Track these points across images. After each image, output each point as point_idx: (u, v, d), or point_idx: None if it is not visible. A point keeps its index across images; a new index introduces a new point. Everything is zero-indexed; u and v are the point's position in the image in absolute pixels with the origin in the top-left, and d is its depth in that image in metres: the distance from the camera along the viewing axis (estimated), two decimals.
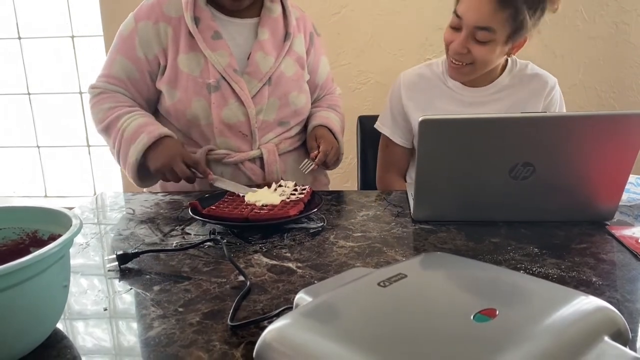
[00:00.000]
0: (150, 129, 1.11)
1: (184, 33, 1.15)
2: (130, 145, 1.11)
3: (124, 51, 1.17)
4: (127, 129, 1.12)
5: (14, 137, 2.80)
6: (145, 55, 1.16)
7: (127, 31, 1.17)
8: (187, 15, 1.14)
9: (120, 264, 0.78)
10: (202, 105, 1.15)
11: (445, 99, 1.31)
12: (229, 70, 1.15)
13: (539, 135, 0.86)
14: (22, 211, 0.66)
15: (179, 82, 1.15)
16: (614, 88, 2.09)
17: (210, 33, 1.15)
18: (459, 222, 0.95)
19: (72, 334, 0.61)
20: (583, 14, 2.01)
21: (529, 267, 0.76)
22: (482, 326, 0.44)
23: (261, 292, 0.69)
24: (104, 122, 1.16)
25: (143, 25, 1.16)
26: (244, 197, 1.03)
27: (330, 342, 0.44)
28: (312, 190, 1.06)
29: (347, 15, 2.12)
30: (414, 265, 0.59)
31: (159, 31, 1.15)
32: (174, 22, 1.15)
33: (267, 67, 1.19)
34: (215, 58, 1.14)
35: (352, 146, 1.68)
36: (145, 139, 1.09)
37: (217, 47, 1.15)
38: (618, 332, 0.46)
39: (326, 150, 1.20)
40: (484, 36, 1.14)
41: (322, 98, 1.41)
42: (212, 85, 1.15)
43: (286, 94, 1.22)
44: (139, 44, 1.16)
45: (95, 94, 1.19)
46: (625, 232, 0.88)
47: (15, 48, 2.66)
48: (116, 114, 1.15)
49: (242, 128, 1.19)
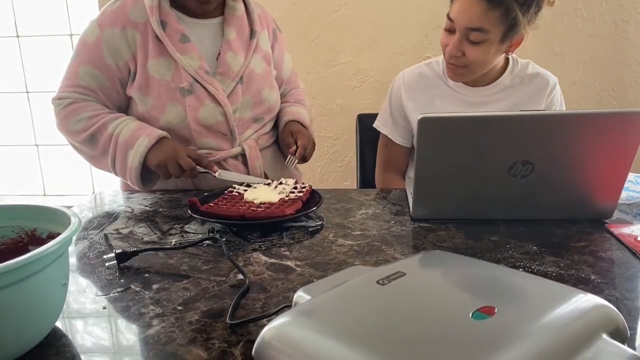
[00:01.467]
0: (148, 132, 1.10)
1: (151, 38, 1.13)
2: (128, 149, 1.10)
3: (91, 60, 1.14)
4: (122, 134, 1.11)
5: (12, 135, 2.79)
6: (116, 63, 1.14)
7: (91, 39, 1.14)
8: (153, 20, 1.12)
9: (119, 262, 0.78)
10: (177, 110, 1.14)
11: (446, 98, 1.31)
12: (201, 73, 1.14)
13: (538, 133, 0.86)
14: (21, 210, 0.66)
15: (151, 88, 1.14)
16: (614, 86, 2.09)
17: (177, 36, 1.14)
18: (458, 221, 0.95)
19: (71, 332, 0.61)
20: (582, 12, 2.00)
21: (528, 265, 0.76)
22: (480, 324, 0.44)
23: (260, 291, 0.69)
24: (88, 131, 1.13)
25: (109, 32, 1.13)
26: (242, 194, 1.03)
27: (329, 340, 0.44)
28: (312, 188, 1.06)
29: (346, 14, 2.12)
30: (413, 264, 0.59)
31: (126, 37, 1.13)
32: (140, 28, 1.13)
33: (237, 66, 1.19)
34: (185, 61, 1.13)
35: (351, 145, 1.68)
36: (146, 141, 1.08)
37: (186, 50, 1.14)
38: (617, 329, 0.46)
39: (305, 145, 1.20)
40: (476, 37, 1.14)
41: (288, 93, 1.42)
42: (185, 89, 1.14)
43: (259, 91, 1.23)
44: (107, 52, 1.13)
45: (64, 105, 1.16)
46: (624, 230, 0.88)
47: (13, 46, 2.65)
48: (101, 121, 1.13)
49: (220, 128, 1.18)
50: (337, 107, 2.21)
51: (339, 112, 2.21)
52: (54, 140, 2.77)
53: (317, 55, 2.18)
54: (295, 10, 2.12)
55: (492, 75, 1.29)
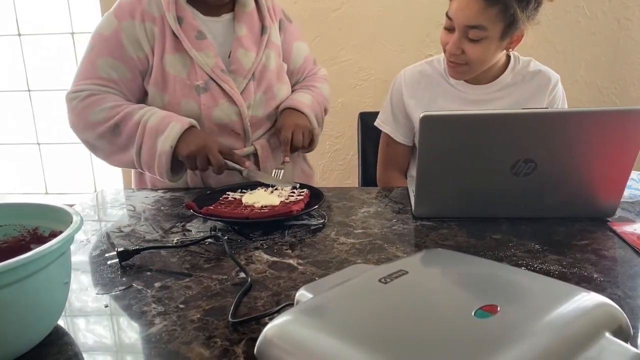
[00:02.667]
0: (179, 118, 1.08)
1: (168, 33, 1.13)
2: (158, 135, 1.06)
3: (110, 51, 1.12)
4: (151, 120, 1.07)
5: (14, 134, 2.80)
6: (137, 55, 1.13)
7: (108, 31, 1.12)
8: (169, 15, 1.11)
9: (121, 260, 0.78)
10: (191, 107, 1.13)
11: (447, 96, 1.30)
12: (216, 71, 1.14)
13: (540, 131, 0.86)
14: (23, 208, 0.66)
15: (167, 84, 1.13)
16: (616, 84, 2.08)
17: (194, 33, 1.13)
18: (460, 219, 0.94)
19: (73, 330, 0.61)
20: (585, 10, 2.00)
21: (530, 263, 0.76)
22: (483, 322, 0.44)
23: (262, 289, 0.69)
24: (111, 121, 1.09)
25: (129, 24, 1.12)
26: (238, 200, 1.02)
27: (331, 338, 0.44)
28: (310, 192, 1.05)
29: (348, 12, 2.12)
30: (415, 262, 0.59)
31: (146, 30, 1.12)
32: (158, 21, 1.13)
33: (249, 63, 1.18)
34: (201, 59, 1.13)
35: (352, 143, 1.68)
36: (179, 126, 1.05)
37: (202, 47, 1.13)
38: (619, 328, 0.46)
39: (285, 138, 1.16)
40: (475, 34, 1.14)
41: (303, 80, 1.38)
42: (200, 86, 1.13)
43: (270, 87, 1.22)
44: (128, 43, 1.12)
45: (82, 98, 1.11)
46: (626, 229, 0.88)
47: (15, 45, 2.65)
48: (126, 110, 1.09)
49: (234, 127, 1.18)
50: (338, 105, 2.21)
51: (341, 111, 2.21)
52: (56, 139, 2.78)
53: (319, 54, 2.16)
54: (296, 8, 2.12)
55: (494, 73, 1.28)
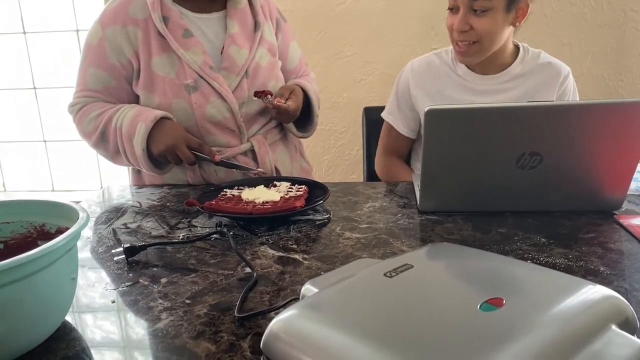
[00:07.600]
0: (145, 116, 1.09)
1: (153, 34, 1.13)
2: (131, 138, 1.10)
3: (95, 62, 1.14)
4: (124, 124, 1.10)
5: (20, 131, 2.81)
6: (119, 62, 1.14)
7: (95, 40, 1.14)
8: (155, 16, 1.12)
9: (127, 256, 0.79)
10: (183, 107, 1.14)
11: (455, 87, 1.29)
12: (205, 68, 1.14)
13: (546, 124, 0.85)
14: (30, 205, 0.67)
15: (156, 86, 1.14)
16: (622, 76, 2.07)
17: (180, 32, 1.13)
18: (466, 213, 0.94)
19: (81, 326, 0.62)
20: (591, 2, 1.98)
21: (537, 257, 0.76)
22: (488, 315, 0.44)
23: (268, 284, 0.70)
24: (98, 130, 1.13)
25: (111, 31, 1.13)
26: (237, 196, 1.02)
27: (337, 332, 0.44)
28: (312, 187, 1.05)
29: (352, 6, 2.11)
30: (420, 256, 0.59)
31: (128, 35, 1.13)
32: (141, 25, 1.13)
33: (242, 60, 1.18)
34: (189, 57, 1.13)
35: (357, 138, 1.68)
36: (144, 127, 1.07)
37: (189, 45, 1.13)
38: (626, 320, 0.45)
39: (282, 93, 1.19)
40: (481, 5, 1.14)
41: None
42: (190, 85, 1.13)
43: (264, 84, 1.22)
44: (110, 51, 1.13)
45: (76, 112, 1.17)
46: (633, 222, 0.87)
47: (20, 43, 2.66)
48: (106, 117, 1.13)
49: (228, 124, 1.18)
50: (343, 100, 2.21)
51: (345, 105, 2.21)
52: (62, 136, 2.79)
53: (323, 48, 2.17)
54: (300, 2, 2.11)
55: (502, 63, 1.27)
